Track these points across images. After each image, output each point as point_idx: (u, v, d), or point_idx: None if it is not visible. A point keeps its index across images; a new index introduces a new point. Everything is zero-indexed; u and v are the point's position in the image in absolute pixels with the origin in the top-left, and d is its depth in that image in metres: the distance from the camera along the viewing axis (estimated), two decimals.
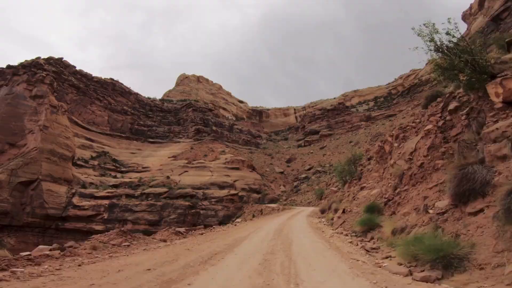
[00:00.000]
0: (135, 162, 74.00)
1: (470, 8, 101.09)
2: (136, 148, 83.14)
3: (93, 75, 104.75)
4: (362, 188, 20.60)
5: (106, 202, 55.83)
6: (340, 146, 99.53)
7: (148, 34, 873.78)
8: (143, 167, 71.20)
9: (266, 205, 58.84)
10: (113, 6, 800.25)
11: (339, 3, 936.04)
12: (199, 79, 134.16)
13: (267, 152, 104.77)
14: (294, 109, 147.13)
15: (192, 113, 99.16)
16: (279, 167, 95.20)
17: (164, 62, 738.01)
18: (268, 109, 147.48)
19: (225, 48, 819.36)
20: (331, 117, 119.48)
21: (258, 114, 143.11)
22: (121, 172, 69.05)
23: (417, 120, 13.64)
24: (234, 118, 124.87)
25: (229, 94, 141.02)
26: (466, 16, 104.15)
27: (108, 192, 57.78)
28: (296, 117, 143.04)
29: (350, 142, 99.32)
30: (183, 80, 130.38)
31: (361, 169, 26.77)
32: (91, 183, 62.29)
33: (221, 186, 62.27)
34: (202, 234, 22.88)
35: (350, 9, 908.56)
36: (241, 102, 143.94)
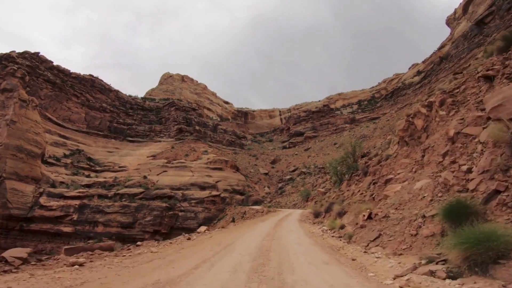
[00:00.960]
0: (112, 161, 68.84)
1: (455, 12, 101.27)
2: (114, 146, 77.84)
3: (71, 71, 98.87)
4: (386, 182, 15.12)
5: (76, 202, 50.81)
6: (324, 148, 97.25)
7: (134, 34, 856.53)
8: (120, 167, 66.18)
9: (250, 207, 55.29)
10: (100, 5, 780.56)
11: (327, 11, 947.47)
12: (183, 79, 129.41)
13: (251, 153, 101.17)
14: (280, 111, 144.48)
15: (175, 112, 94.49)
16: (264, 168, 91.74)
17: (150, 63, 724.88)
18: (253, 111, 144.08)
19: (213, 50, 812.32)
20: (316, 119, 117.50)
21: (244, 115, 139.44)
22: (96, 171, 63.86)
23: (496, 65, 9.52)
24: (218, 119, 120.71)
25: (214, 94, 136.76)
26: (450, 21, 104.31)
27: (79, 192, 52.70)
28: (281, 119, 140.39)
29: (335, 144, 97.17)
30: (167, 79, 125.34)
31: (367, 162, 23.55)
32: (62, 182, 56.99)
33: (202, 187, 58.07)
34: (123, 256, 14.15)
35: (338, 16, 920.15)
36: (226, 103, 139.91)
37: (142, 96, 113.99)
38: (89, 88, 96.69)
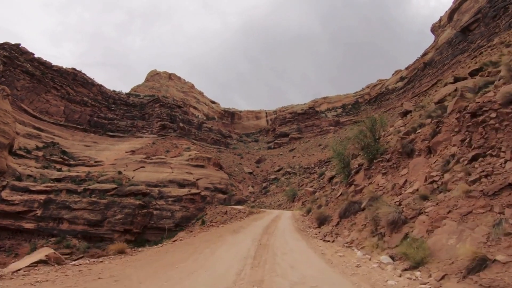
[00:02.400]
0: (87, 156, 62.71)
1: (440, 20, 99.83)
2: (92, 141, 71.59)
3: (53, 64, 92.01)
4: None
5: (42, 197, 44.74)
6: (309, 149, 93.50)
7: (125, 34, 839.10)
8: (96, 161, 60.16)
9: (232, 206, 50.55)
10: (93, 4, 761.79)
11: (316, 21, 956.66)
12: (170, 77, 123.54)
13: (236, 152, 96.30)
14: (266, 113, 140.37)
15: (159, 108, 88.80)
16: (249, 167, 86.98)
17: (140, 63, 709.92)
18: (240, 111, 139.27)
19: (203, 53, 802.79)
20: (301, 121, 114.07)
21: (230, 115, 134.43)
22: (69, 165, 57.67)
23: None
24: (204, 118, 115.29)
25: (201, 93, 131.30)
26: (435, 28, 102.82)
27: (47, 186, 46.61)
28: (267, 121, 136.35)
29: (319, 145, 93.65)
30: (153, 76, 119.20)
31: (407, 138, 14.36)
32: (30, 176, 50.68)
33: (181, 184, 52.84)
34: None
35: (326, 26, 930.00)
36: (213, 102, 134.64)
37: (127, 92, 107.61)
38: (70, 81, 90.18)
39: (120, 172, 51.78)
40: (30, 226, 42.60)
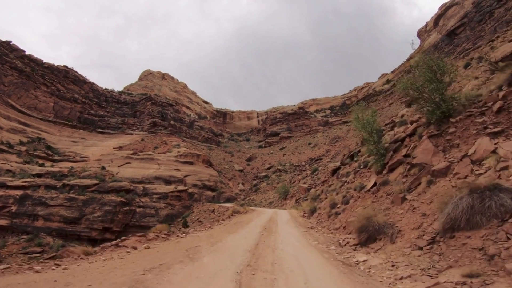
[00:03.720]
0: (73, 151, 58.04)
1: (426, 25, 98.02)
2: (80, 137, 66.88)
3: (44, 61, 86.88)
4: None
5: (18, 192, 40.23)
6: (299, 147, 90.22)
7: (123, 38, 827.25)
8: (81, 157, 55.56)
9: (220, 204, 46.86)
10: (92, 9, 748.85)
11: (306, 29, 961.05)
12: (164, 76, 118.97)
13: (227, 150, 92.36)
14: (257, 113, 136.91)
15: (151, 106, 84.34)
16: (239, 165, 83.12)
17: (135, 66, 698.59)
18: (232, 112, 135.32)
19: (197, 57, 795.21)
20: (291, 120, 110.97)
21: (222, 115, 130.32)
22: (53, 160, 53.02)
23: None
24: (197, 117, 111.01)
25: (194, 93, 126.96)
26: (421, 33, 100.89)
27: (25, 182, 42.08)
28: (258, 121, 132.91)
29: (309, 144, 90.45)
30: (147, 75, 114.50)
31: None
32: (9, 171, 46.00)
33: (168, 181, 48.70)
34: None
35: (315, 35, 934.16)
36: (205, 102, 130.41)
37: (120, 90, 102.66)
38: (61, 78, 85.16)
39: (103, 168, 47.41)
40: (3, 223, 38.06)
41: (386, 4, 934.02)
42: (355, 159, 22.07)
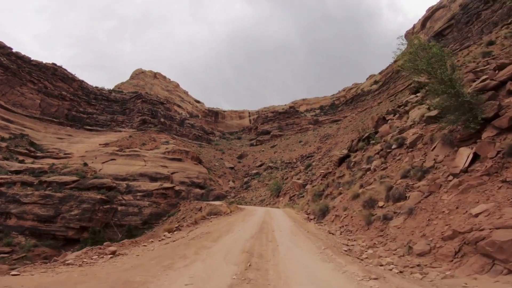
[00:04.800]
0: (57, 148, 54.11)
1: (413, 27, 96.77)
2: (67, 134, 62.86)
3: (32, 59, 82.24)
4: None
5: None
6: (290, 145, 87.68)
7: (117, 39, 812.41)
8: (65, 154, 51.70)
9: (209, 202, 43.47)
10: (86, 11, 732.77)
11: (296, 33, 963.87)
12: (156, 75, 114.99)
13: (218, 148, 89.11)
14: (249, 113, 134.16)
15: (141, 104, 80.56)
16: (230, 162, 80.00)
17: (129, 67, 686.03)
18: (224, 111, 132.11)
19: (190, 59, 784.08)
20: (282, 119, 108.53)
21: (214, 114, 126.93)
22: (35, 157, 49.08)
23: None
24: (188, 116, 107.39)
25: (185, 93, 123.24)
26: (408, 35, 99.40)
27: (1, 178, 38.16)
28: (250, 120, 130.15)
29: (300, 141, 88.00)
30: (138, 74, 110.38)
31: None
32: None
33: (153, 178, 45.33)
34: None
35: (304, 39, 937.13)
36: (197, 101, 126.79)
37: (111, 89, 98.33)
38: (49, 75, 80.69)
39: (85, 164, 43.80)
40: None
41: (373, 10, 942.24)
42: (373, 141, 18.12)
